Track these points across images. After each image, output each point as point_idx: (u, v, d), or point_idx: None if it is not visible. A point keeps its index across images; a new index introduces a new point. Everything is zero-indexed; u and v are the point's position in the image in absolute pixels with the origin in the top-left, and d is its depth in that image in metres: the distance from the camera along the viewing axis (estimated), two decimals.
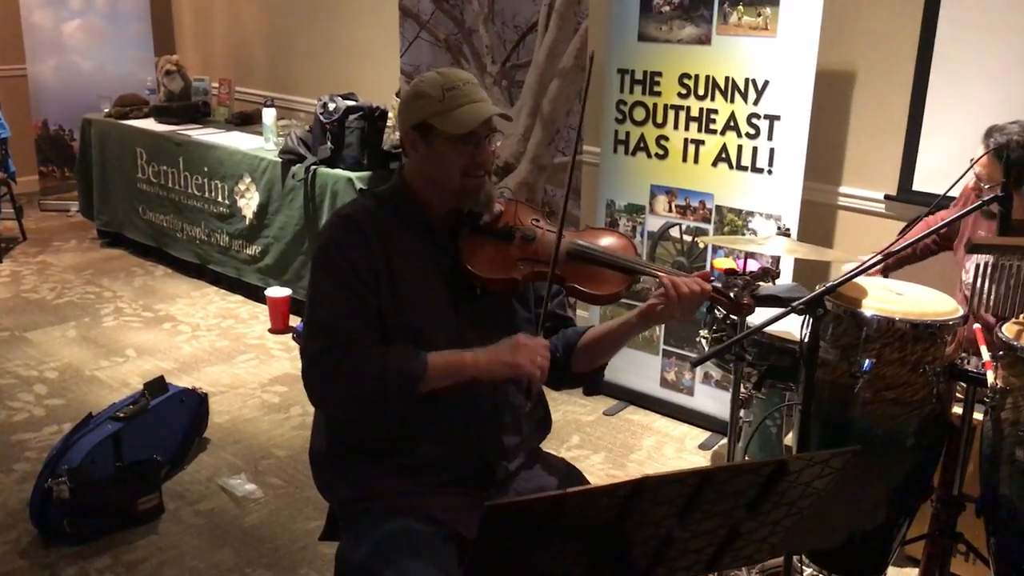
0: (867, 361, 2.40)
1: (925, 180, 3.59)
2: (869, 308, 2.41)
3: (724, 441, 3.76)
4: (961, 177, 2.63)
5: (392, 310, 1.89)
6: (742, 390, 3.09)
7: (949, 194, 2.84)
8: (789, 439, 3.44)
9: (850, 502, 2.55)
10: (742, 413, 3.15)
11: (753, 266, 2.90)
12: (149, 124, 5.72)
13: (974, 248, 2.06)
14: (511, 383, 1.99)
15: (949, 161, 3.52)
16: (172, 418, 3.41)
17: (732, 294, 1.97)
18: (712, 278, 1.96)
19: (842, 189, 3.83)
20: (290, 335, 4.70)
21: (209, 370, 4.29)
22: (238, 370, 4.31)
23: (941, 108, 3.50)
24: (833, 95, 3.69)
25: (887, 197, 3.71)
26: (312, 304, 1.91)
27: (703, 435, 3.80)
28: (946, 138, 3.52)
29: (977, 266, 2.09)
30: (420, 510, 1.90)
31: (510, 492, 1.98)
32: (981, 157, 2.76)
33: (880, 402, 2.40)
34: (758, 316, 2.30)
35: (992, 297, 2.09)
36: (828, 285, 2.23)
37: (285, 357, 4.47)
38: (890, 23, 3.57)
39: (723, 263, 2.89)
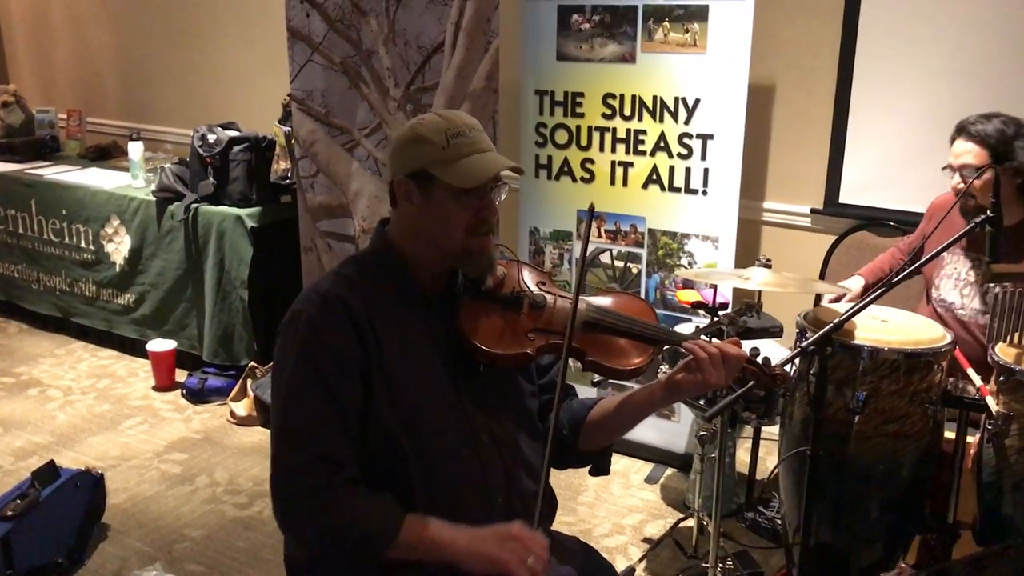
0: (861, 394, 2.29)
1: (850, 193, 3.57)
2: (860, 339, 2.31)
3: (669, 472, 3.63)
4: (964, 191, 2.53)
5: (386, 400, 1.62)
6: (702, 428, 2.97)
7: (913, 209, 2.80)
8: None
9: (851, 539, 2.45)
10: (704, 448, 3.02)
11: (712, 297, 2.76)
12: None
13: (994, 277, 1.97)
14: (522, 471, 1.75)
15: (874, 173, 3.52)
16: (68, 508, 2.96)
17: (761, 364, 1.78)
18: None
19: (767, 204, 3.78)
20: (179, 392, 4.25)
21: (92, 441, 3.80)
22: (126, 438, 3.85)
23: (864, 120, 3.49)
24: (755, 110, 3.62)
25: (813, 211, 3.67)
26: (287, 403, 1.61)
27: (647, 467, 3.65)
28: (870, 150, 3.51)
29: (996, 295, 2.00)
30: None
31: None
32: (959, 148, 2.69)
33: (881, 436, 2.30)
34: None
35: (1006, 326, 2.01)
36: (836, 321, 2.09)
37: (178, 419, 4.03)
38: (810, 36, 3.54)
39: (687, 295, 2.74)
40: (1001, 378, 2.22)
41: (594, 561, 1.89)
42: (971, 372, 2.36)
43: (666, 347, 1.89)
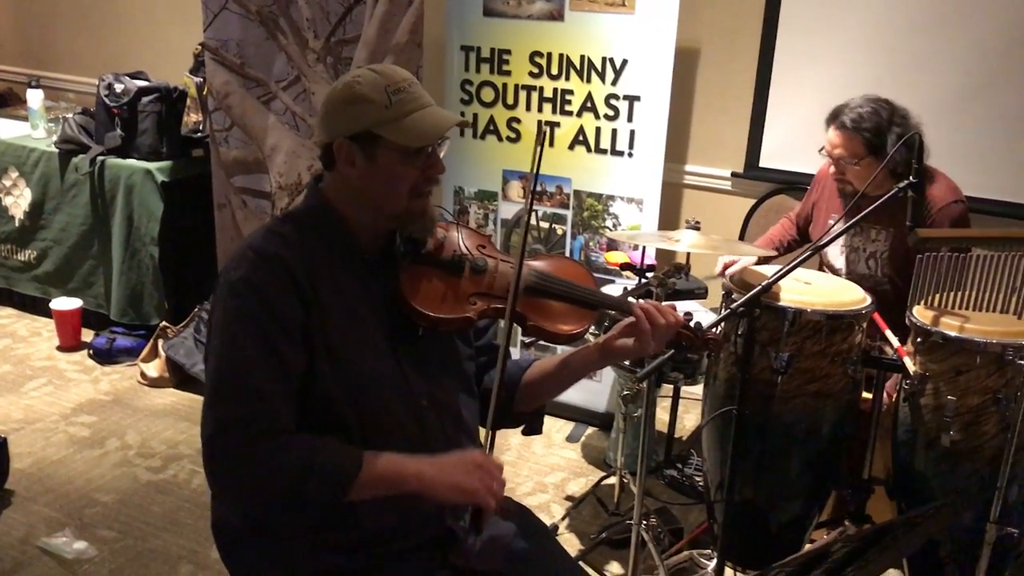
0: (785, 355, 2.34)
1: (771, 157, 3.63)
2: (785, 301, 2.35)
3: (590, 431, 3.67)
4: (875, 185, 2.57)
5: (326, 361, 1.57)
6: (625, 388, 3.00)
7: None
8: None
9: (772, 496, 2.51)
10: (627, 408, 3.05)
11: (639, 258, 2.77)
12: None
13: (920, 242, 2.02)
14: (463, 435, 1.73)
15: (793, 138, 3.58)
16: None
17: (695, 329, 1.79)
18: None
19: (689, 167, 3.81)
20: (85, 352, 4.09)
21: None
22: (30, 400, 3.68)
23: (785, 86, 3.54)
24: (680, 73, 3.63)
25: (734, 174, 3.72)
26: (222, 361, 1.53)
27: (568, 426, 3.68)
28: (791, 116, 3.56)
29: (920, 258, 2.05)
30: None
31: (467, 549, 1.73)
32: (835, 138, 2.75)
33: (803, 395, 2.36)
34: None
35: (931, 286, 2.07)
36: (766, 283, 2.13)
37: (85, 380, 3.88)
38: (736, 1, 3.55)
39: (615, 257, 2.75)
40: (919, 339, 2.30)
41: (529, 520, 1.89)
42: (889, 334, 2.43)
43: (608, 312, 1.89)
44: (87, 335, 4.18)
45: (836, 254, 2.92)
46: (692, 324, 1.80)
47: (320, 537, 1.63)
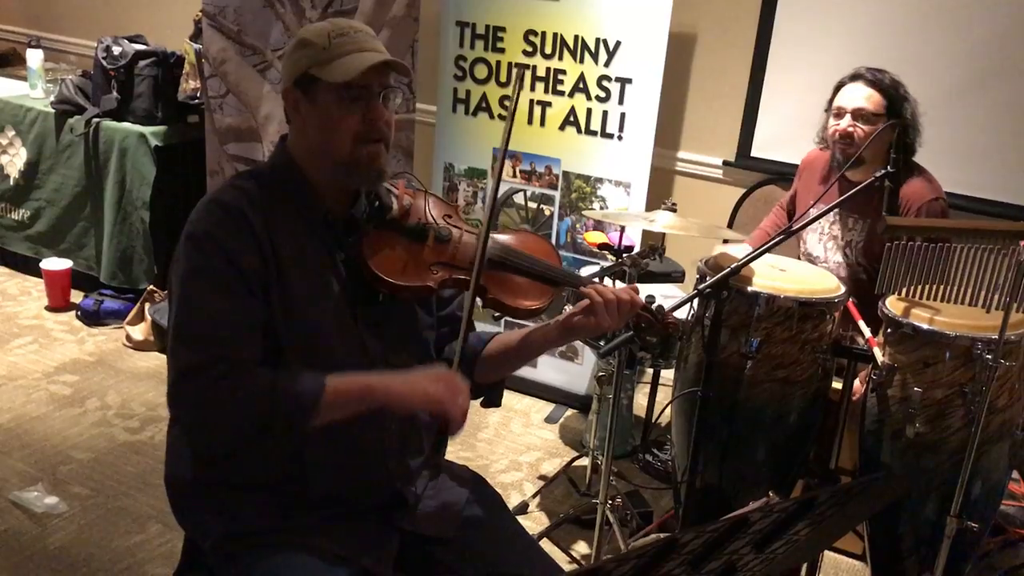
0: (755, 340, 2.34)
1: (763, 146, 3.62)
2: (758, 286, 2.35)
3: (569, 413, 3.67)
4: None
5: (283, 316, 1.57)
6: (602, 369, 3.00)
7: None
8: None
9: (737, 482, 2.51)
10: (603, 389, 3.05)
11: (623, 240, 2.77)
12: None
13: (891, 230, 2.01)
14: None
15: (786, 128, 3.56)
16: None
17: (655, 312, 1.79)
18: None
19: (680, 154, 3.80)
20: (73, 313, 4.11)
21: None
22: (15, 357, 3.70)
23: (779, 77, 3.53)
24: (675, 58, 3.62)
25: (725, 163, 3.71)
26: (183, 309, 1.54)
27: (547, 407, 3.68)
28: (784, 106, 3.55)
29: (889, 247, 2.04)
30: (320, 547, 1.61)
31: (418, 514, 1.74)
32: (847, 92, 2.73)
33: (771, 381, 2.36)
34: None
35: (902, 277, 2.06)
36: (734, 266, 2.13)
37: (71, 340, 3.90)
38: None
39: (595, 237, 2.74)
40: (889, 330, 2.29)
41: (483, 489, 1.89)
42: (861, 324, 2.42)
43: (568, 289, 1.89)
44: (76, 296, 4.20)
45: (815, 241, 2.91)
46: (654, 307, 1.80)
47: (269, 494, 1.64)
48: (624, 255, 2.40)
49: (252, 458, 1.62)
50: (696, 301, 2.38)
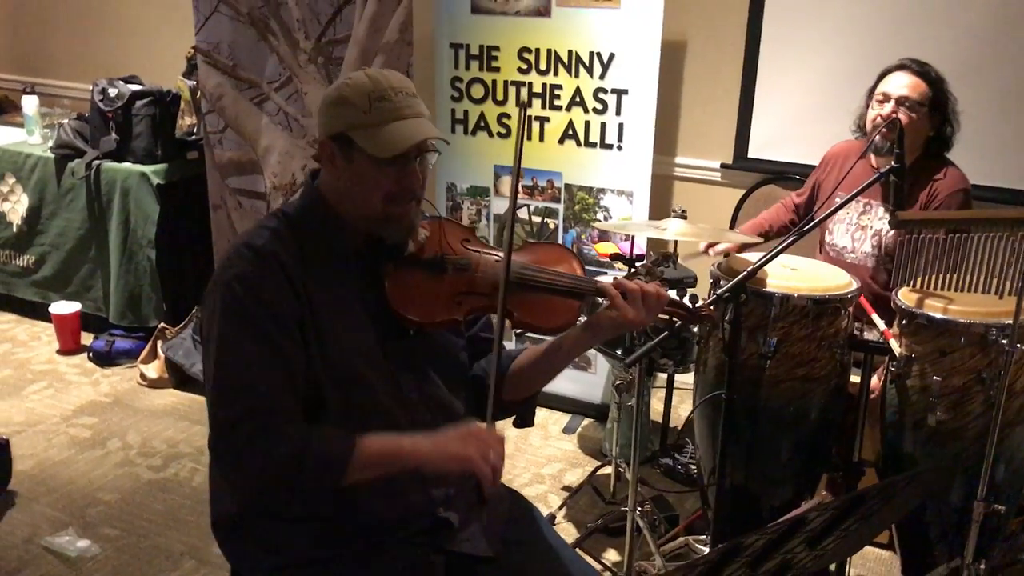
0: (773, 340, 2.38)
1: (759, 148, 3.67)
2: (772, 287, 2.39)
3: (586, 422, 3.70)
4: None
5: (319, 357, 1.60)
6: (619, 378, 3.04)
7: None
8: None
9: (763, 481, 2.55)
10: (621, 397, 3.09)
11: (630, 248, 2.81)
12: None
13: (900, 224, 2.06)
14: (443, 419, 1.76)
15: (781, 128, 3.61)
16: None
17: (690, 304, 1.82)
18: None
19: (678, 160, 3.84)
20: (85, 355, 4.13)
21: None
22: (31, 403, 3.72)
23: (773, 76, 3.58)
24: (668, 66, 3.67)
25: (723, 166, 3.76)
26: (221, 360, 1.56)
27: (564, 418, 3.72)
28: (779, 106, 3.60)
29: (901, 242, 2.09)
30: (369, 575, 1.64)
31: (462, 536, 1.76)
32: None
33: (791, 380, 2.39)
34: None
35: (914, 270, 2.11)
36: (751, 267, 2.17)
37: (85, 382, 3.92)
38: None
39: (605, 248, 2.78)
40: (903, 322, 2.33)
41: (520, 503, 1.92)
42: (875, 317, 2.46)
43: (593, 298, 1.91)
44: (86, 338, 4.21)
45: (842, 232, 2.93)
46: (687, 299, 1.83)
47: (317, 525, 1.66)
48: (637, 263, 2.44)
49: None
50: (733, 311, 2.39)
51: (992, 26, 3.21)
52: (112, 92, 4.03)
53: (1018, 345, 2.08)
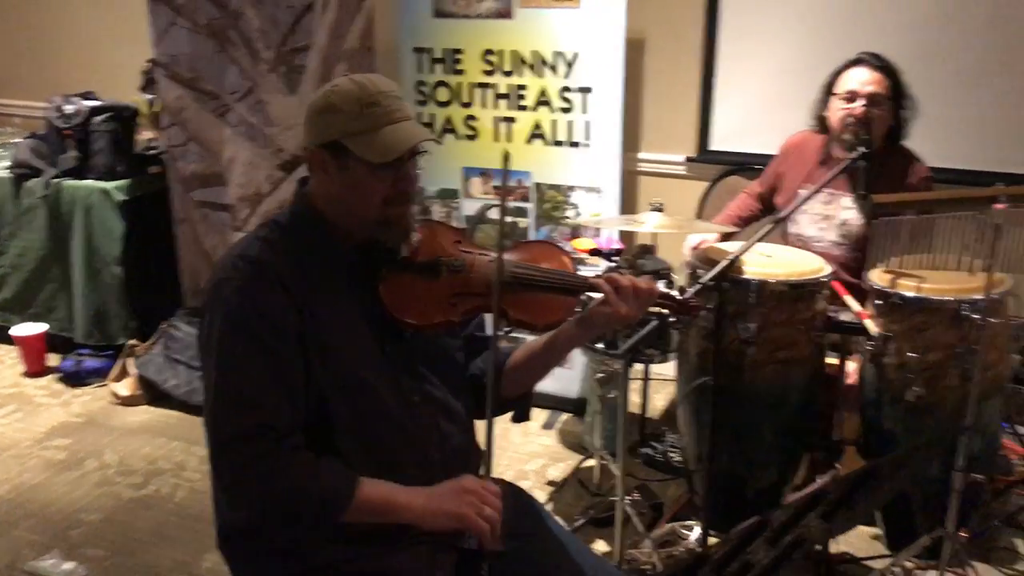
0: (753, 326, 2.44)
1: (722, 140, 3.74)
2: (749, 274, 2.45)
3: (564, 417, 3.74)
4: None
5: (320, 365, 1.60)
6: (599, 371, 3.08)
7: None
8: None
9: (748, 463, 2.60)
10: (603, 389, 3.13)
11: (605, 243, 2.85)
12: None
13: (876, 207, 2.13)
14: (456, 428, 1.78)
15: (742, 120, 3.69)
16: None
17: (678, 296, 1.86)
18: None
19: (641, 155, 3.90)
20: (52, 377, 4.06)
21: None
22: (1, 428, 3.65)
23: (731, 70, 3.65)
24: (629, 63, 3.71)
25: (688, 159, 3.82)
26: (222, 374, 1.56)
27: (543, 414, 3.75)
28: (739, 99, 3.67)
29: (877, 224, 2.16)
30: (386, 571, 1.66)
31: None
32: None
33: (773, 363, 2.46)
34: None
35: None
36: (730, 258, 2.22)
37: (55, 404, 3.85)
38: None
39: (584, 244, 2.82)
40: (879, 301, 2.41)
41: (522, 497, 1.94)
42: (848, 299, 2.54)
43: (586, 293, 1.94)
44: (53, 360, 4.15)
45: (807, 222, 2.99)
46: (672, 292, 1.88)
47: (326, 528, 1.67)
48: (616, 257, 2.49)
49: None
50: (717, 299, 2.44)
51: (943, 13, 3.30)
52: (69, 109, 3.98)
53: (989, 319, 2.17)
